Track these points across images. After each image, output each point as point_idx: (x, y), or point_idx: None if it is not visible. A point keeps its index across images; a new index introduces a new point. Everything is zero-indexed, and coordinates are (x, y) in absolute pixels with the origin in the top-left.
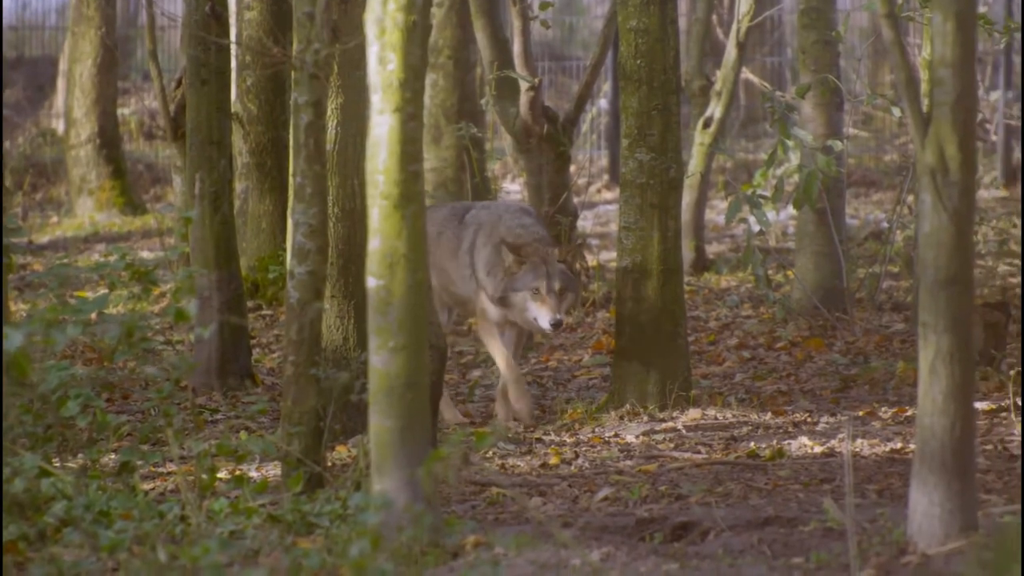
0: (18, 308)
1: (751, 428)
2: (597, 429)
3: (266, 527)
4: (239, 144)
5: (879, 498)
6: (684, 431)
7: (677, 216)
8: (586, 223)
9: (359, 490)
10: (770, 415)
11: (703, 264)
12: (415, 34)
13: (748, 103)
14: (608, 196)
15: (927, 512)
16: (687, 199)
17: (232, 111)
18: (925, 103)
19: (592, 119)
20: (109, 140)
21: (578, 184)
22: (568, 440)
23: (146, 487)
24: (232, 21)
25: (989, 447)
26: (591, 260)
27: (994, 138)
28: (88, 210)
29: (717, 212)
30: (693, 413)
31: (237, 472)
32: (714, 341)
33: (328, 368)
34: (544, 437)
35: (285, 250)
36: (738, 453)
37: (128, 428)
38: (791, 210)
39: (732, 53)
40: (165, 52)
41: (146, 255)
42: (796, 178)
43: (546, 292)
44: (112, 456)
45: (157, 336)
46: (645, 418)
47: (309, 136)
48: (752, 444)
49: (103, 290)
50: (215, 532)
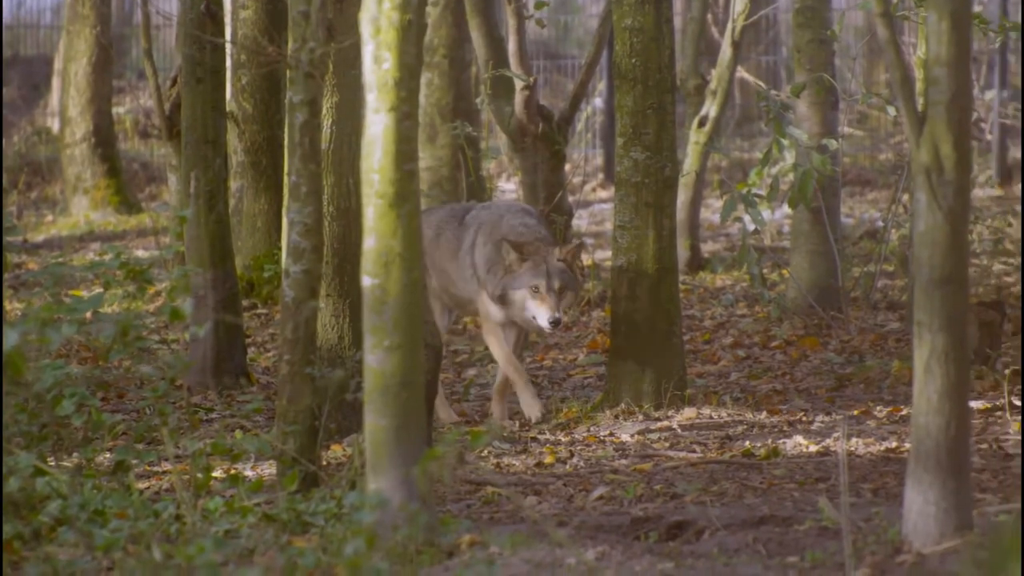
0: (13, 307)
1: (746, 427)
2: (592, 428)
3: (261, 526)
4: (234, 143)
5: (874, 497)
6: (679, 430)
7: (672, 215)
8: (581, 222)
9: (354, 489)
10: (765, 414)
11: (698, 263)
12: (410, 33)
13: (743, 102)
14: (603, 195)
15: (922, 511)
16: (682, 198)
17: (227, 110)
18: (920, 102)
19: (587, 118)
20: (104, 139)
21: (573, 183)
22: (563, 439)
23: (141, 486)
24: (227, 20)
25: (984, 446)
26: (586, 259)
27: (989, 137)
28: (83, 209)
29: (712, 211)
30: (688, 412)
31: (232, 471)
32: (709, 340)
33: (323, 367)
34: (539, 436)
35: (280, 249)
36: (733, 452)
37: (123, 427)
38: (786, 209)
39: (727, 52)
40: (160, 51)
41: (141, 254)
42: (791, 177)
43: (545, 290)
44: (107, 455)
45: (152, 335)
46: (640, 417)
47: (304, 135)
48: (747, 443)
49: (98, 289)
50: (210, 531)
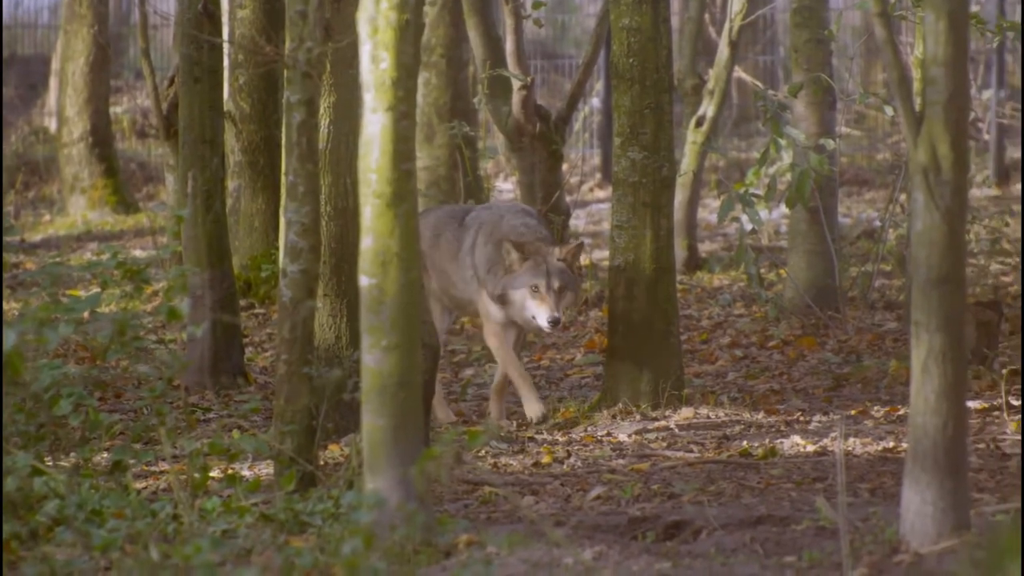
0: (10, 307)
1: (743, 427)
2: (590, 428)
3: (258, 526)
4: (232, 142)
5: (872, 497)
6: (676, 430)
7: (669, 215)
8: (578, 222)
9: (352, 489)
10: (762, 414)
11: (696, 263)
12: (408, 32)
13: (741, 102)
14: (600, 195)
15: (920, 511)
16: (680, 198)
17: (225, 109)
18: (918, 102)
19: (584, 117)
20: (101, 138)
21: (570, 183)
22: (561, 439)
23: (138, 486)
24: (225, 19)
25: (981, 446)
26: (584, 259)
27: (986, 137)
28: (80, 208)
29: (710, 211)
30: (685, 412)
31: (230, 471)
32: (706, 340)
33: (321, 367)
34: (536, 436)
35: (278, 248)
36: (730, 452)
37: (120, 427)
38: (784, 209)
39: (725, 52)
40: (158, 50)
41: (138, 254)
42: (789, 177)
43: (545, 290)
44: (104, 455)
45: (149, 335)
46: (638, 417)
47: (302, 135)
48: (744, 443)
49: (95, 289)
50: (207, 531)
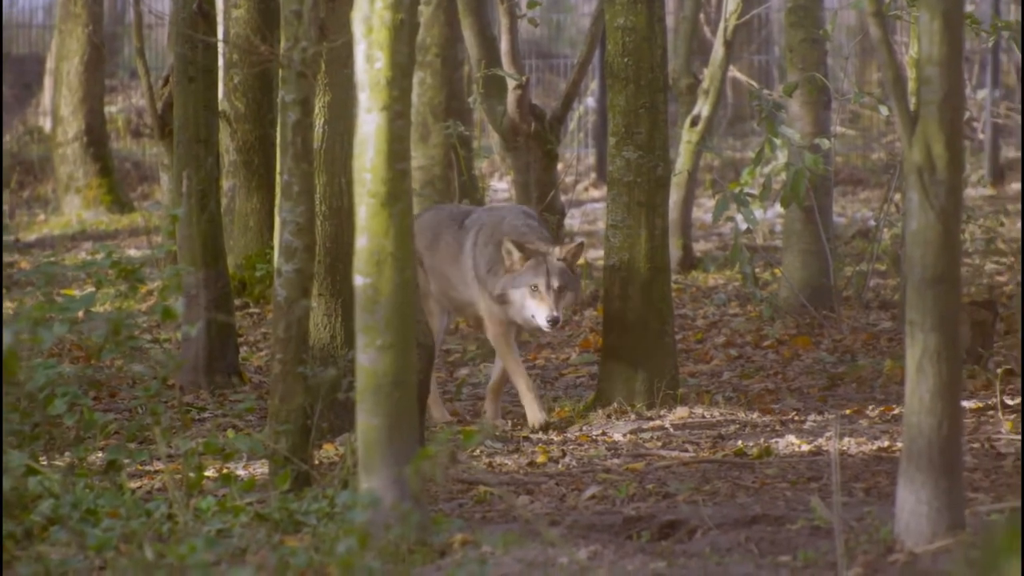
0: (5, 306)
1: (738, 426)
2: (585, 427)
3: (253, 525)
4: (226, 142)
5: (866, 496)
6: (671, 429)
7: (664, 214)
8: (573, 221)
9: (346, 488)
10: (757, 413)
11: (690, 262)
12: (402, 32)
13: (735, 101)
14: (595, 194)
15: (914, 510)
16: (674, 197)
17: (219, 109)
18: (912, 101)
19: (579, 117)
20: (96, 138)
21: (565, 182)
22: (556, 438)
23: (133, 485)
24: (220, 19)
25: (976, 445)
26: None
27: (981, 136)
28: (75, 208)
29: (704, 210)
30: (680, 411)
31: (224, 470)
32: (701, 339)
33: (316, 366)
34: (532, 435)
35: (272, 248)
36: (725, 451)
37: (115, 426)
38: (778, 208)
39: (719, 51)
40: (152, 50)
41: (133, 253)
42: (783, 176)
43: (545, 289)
44: (99, 454)
45: (144, 334)
46: (632, 416)
47: (296, 134)
48: (739, 442)
49: (90, 288)
50: (202, 530)
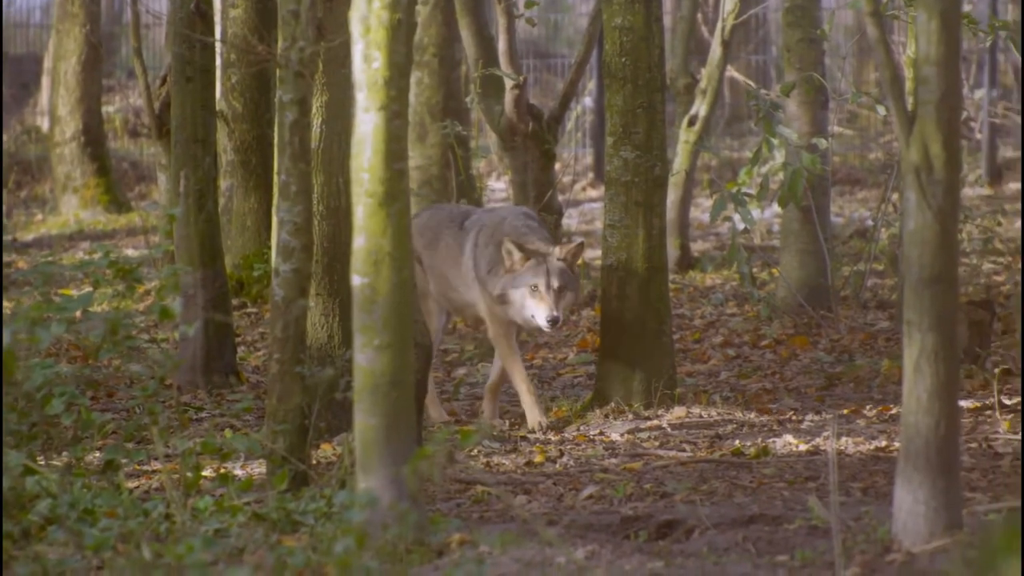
0: (3, 306)
1: (736, 426)
2: (582, 427)
3: (251, 525)
4: (224, 142)
5: (864, 496)
6: (669, 429)
7: (662, 214)
8: (571, 221)
9: (344, 488)
10: (755, 413)
11: (688, 262)
12: (400, 32)
13: (733, 101)
14: (593, 194)
15: (912, 510)
16: (672, 197)
17: (217, 109)
18: (910, 101)
19: (577, 117)
20: (94, 138)
21: (563, 182)
22: (553, 438)
23: (131, 485)
24: (217, 19)
25: (974, 445)
26: None
27: (979, 136)
28: (73, 208)
29: (702, 210)
30: (678, 411)
31: (222, 470)
32: (699, 339)
33: (313, 366)
34: (529, 435)
35: (270, 248)
36: (723, 451)
37: (113, 426)
38: (776, 208)
39: (717, 51)
40: (150, 49)
41: (131, 253)
42: (781, 176)
43: (544, 289)
44: (97, 454)
45: (142, 334)
46: (630, 416)
47: (294, 134)
48: (737, 442)
49: (88, 288)
50: (200, 530)
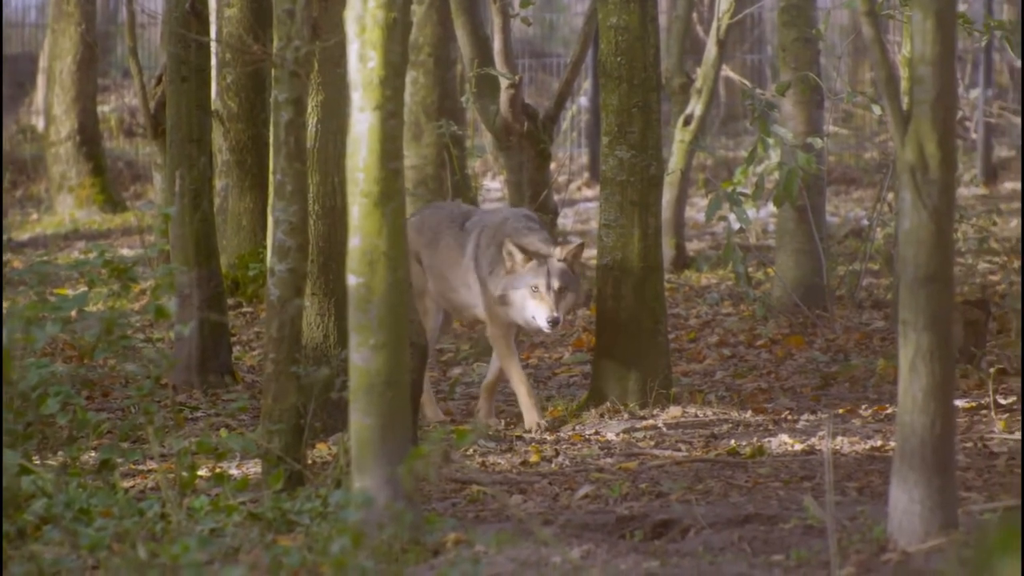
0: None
1: (731, 426)
2: (578, 427)
3: (246, 525)
4: (219, 141)
5: (859, 495)
6: (664, 429)
7: (657, 213)
8: (566, 220)
9: (340, 488)
10: (750, 413)
11: (683, 262)
12: (395, 31)
13: (728, 101)
14: (588, 193)
15: (907, 509)
16: (667, 196)
17: (212, 108)
18: (905, 101)
19: (572, 116)
20: (89, 137)
21: (558, 181)
22: (549, 438)
23: (126, 485)
24: (212, 18)
25: (969, 445)
26: None
27: (974, 136)
28: (68, 207)
29: (697, 210)
30: (673, 411)
31: (217, 470)
32: (694, 339)
33: (309, 365)
34: (525, 435)
35: (265, 247)
36: (718, 451)
37: (108, 425)
38: (771, 207)
39: (712, 51)
40: (145, 49)
41: (126, 252)
42: (776, 175)
43: (545, 290)
44: (92, 454)
45: (137, 333)
46: (626, 416)
47: (289, 133)
48: (732, 442)
49: (83, 287)
50: (195, 530)
